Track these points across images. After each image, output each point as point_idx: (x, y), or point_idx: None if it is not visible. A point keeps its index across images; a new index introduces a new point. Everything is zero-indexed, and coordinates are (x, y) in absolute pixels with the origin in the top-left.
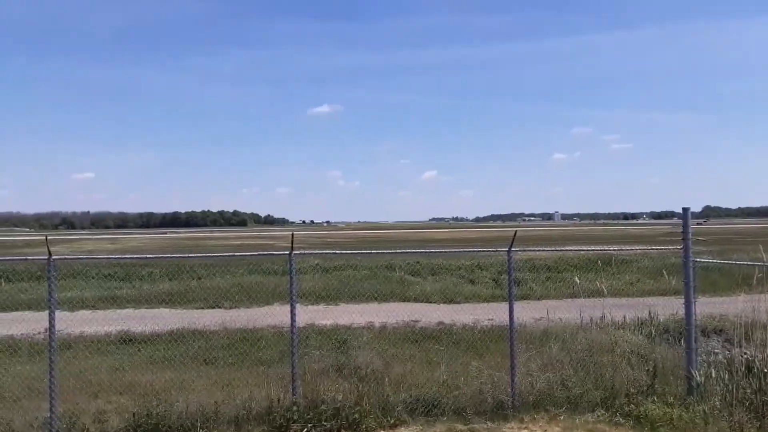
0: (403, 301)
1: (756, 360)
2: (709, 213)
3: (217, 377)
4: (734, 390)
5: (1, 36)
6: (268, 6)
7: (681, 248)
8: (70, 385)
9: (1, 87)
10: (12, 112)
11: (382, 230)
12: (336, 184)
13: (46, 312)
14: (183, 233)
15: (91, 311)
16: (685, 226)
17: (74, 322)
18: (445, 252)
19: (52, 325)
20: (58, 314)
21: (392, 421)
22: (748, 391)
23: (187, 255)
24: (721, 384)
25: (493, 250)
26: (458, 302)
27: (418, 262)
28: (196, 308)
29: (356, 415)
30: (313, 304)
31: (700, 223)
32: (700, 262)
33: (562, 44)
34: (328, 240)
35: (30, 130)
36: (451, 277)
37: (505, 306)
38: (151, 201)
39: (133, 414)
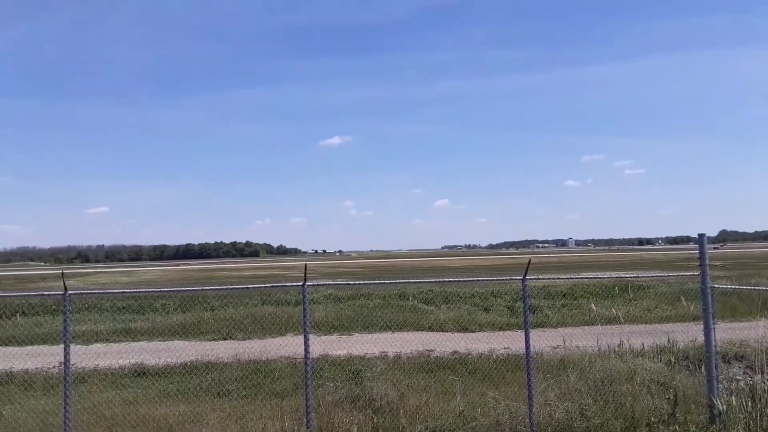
0: (417, 330)
1: None
2: (726, 237)
3: (230, 410)
4: (758, 418)
5: (19, 76)
6: (279, 46)
7: (698, 274)
8: (84, 420)
9: (19, 126)
10: (29, 150)
11: (395, 258)
12: (348, 214)
13: (61, 346)
14: (196, 265)
15: (105, 344)
16: (702, 251)
17: (88, 356)
18: (459, 281)
19: (67, 358)
20: (73, 348)
21: None
22: None
23: (200, 288)
24: (744, 412)
25: (507, 279)
26: (473, 331)
27: (431, 290)
28: (210, 340)
29: None
30: (326, 334)
31: (717, 248)
32: (719, 287)
33: (573, 75)
34: (341, 269)
35: (47, 169)
36: (465, 305)
37: (520, 334)
38: (165, 235)
39: None
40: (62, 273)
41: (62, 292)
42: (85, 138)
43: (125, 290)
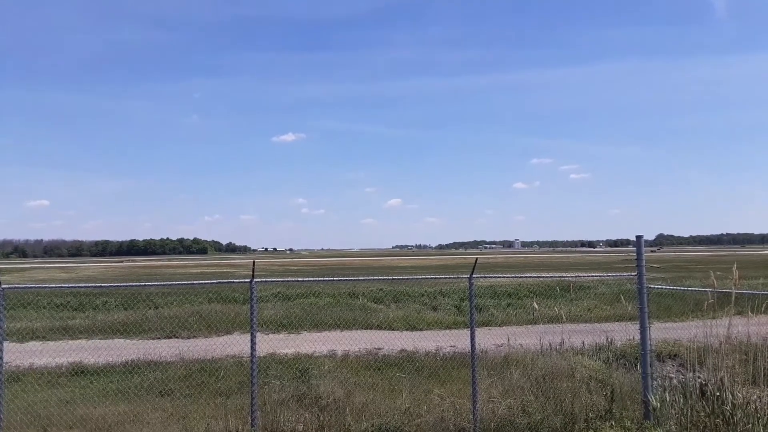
0: (366, 328)
1: (709, 384)
2: (663, 241)
3: (173, 409)
4: (689, 413)
5: None
6: (235, 36)
7: (635, 275)
8: (18, 420)
9: None
10: None
11: (346, 257)
12: (300, 212)
13: None
14: (140, 261)
15: (41, 342)
16: (639, 253)
17: (23, 354)
18: (408, 279)
19: None
20: (7, 345)
21: None
22: (702, 414)
23: (143, 284)
24: (676, 408)
25: (455, 277)
26: (421, 329)
27: (381, 289)
28: (153, 338)
29: None
30: (274, 332)
31: (654, 251)
32: (654, 288)
33: (524, 78)
34: (291, 267)
35: None
36: (414, 304)
37: (467, 333)
38: (110, 229)
39: None
40: None
41: None
42: (25, 125)
43: (63, 285)
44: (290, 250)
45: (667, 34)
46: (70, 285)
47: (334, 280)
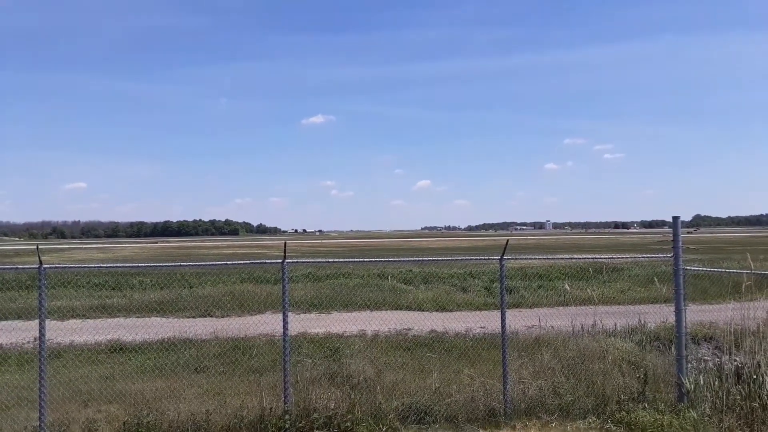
0: (396, 309)
1: (745, 367)
2: (699, 222)
3: (208, 386)
4: (724, 396)
5: None
6: (264, 19)
7: (671, 256)
8: (60, 395)
9: None
10: (2, 121)
11: (375, 239)
12: (329, 194)
13: (36, 321)
14: (174, 242)
15: (81, 320)
16: (675, 234)
17: (64, 331)
18: (438, 260)
19: (42, 333)
20: (48, 323)
21: (384, 429)
22: (738, 397)
23: (178, 264)
24: (711, 391)
25: (485, 259)
26: (450, 310)
27: (410, 271)
28: (188, 317)
29: (348, 423)
30: (305, 312)
31: (690, 232)
32: (690, 270)
33: (558, 57)
34: (321, 249)
35: (23, 141)
36: (444, 286)
37: (497, 314)
38: (144, 211)
39: (124, 423)
40: (37, 247)
41: (37, 266)
42: (63, 109)
43: (102, 265)
44: (320, 231)
45: (703, 9)
46: (108, 265)
47: (363, 261)
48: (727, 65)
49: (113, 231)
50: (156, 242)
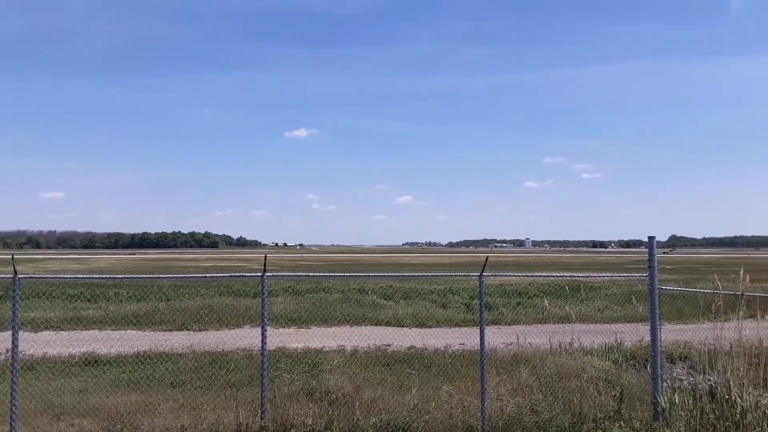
0: (376, 324)
1: (719, 386)
2: (675, 242)
3: (184, 400)
4: (698, 415)
5: None
6: (249, 31)
7: (647, 276)
8: (32, 408)
9: None
10: None
11: (356, 254)
12: (311, 207)
13: (9, 332)
14: (152, 254)
15: (55, 332)
16: (651, 254)
17: (37, 343)
18: (418, 276)
19: (15, 345)
20: (21, 335)
21: None
22: (711, 416)
23: (156, 276)
24: (686, 409)
25: (465, 275)
26: (430, 326)
27: (390, 286)
28: (164, 330)
29: None
30: (284, 326)
31: (667, 252)
32: (666, 289)
33: (540, 75)
34: (301, 263)
35: None
36: (424, 302)
37: (476, 331)
38: (122, 222)
39: None
40: (12, 256)
41: (11, 276)
42: (41, 117)
43: (78, 276)
44: (301, 245)
45: (681, 32)
46: (84, 276)
47: (344, 275)
48: (705, 87)
49: (90, 242)
50: (133, 253)
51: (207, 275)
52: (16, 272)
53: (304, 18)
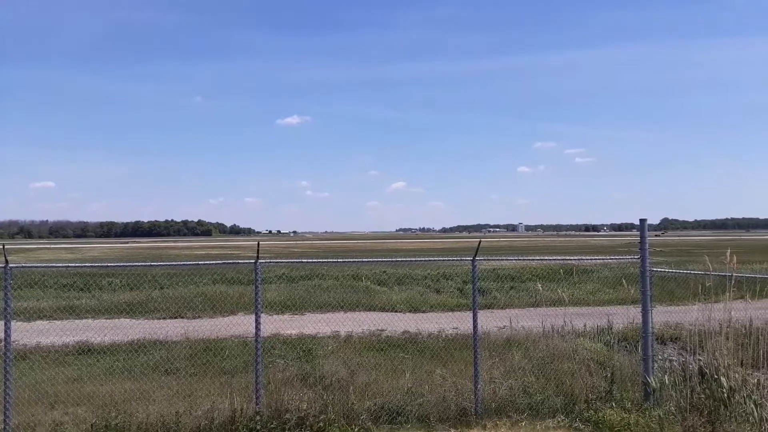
0: (370, 310)
1: (708, 366)
2: (667, 225)
3: (178, 388)
4: (688, 395)
5: None
6: (241, 17)
7: (639, 258)
8: (26, 397)
9: None
10: None
11: (349, 240)
12: (304, 195)
13: (1, 322)
14: (145, 243)
15: (48, 321)
16: (643, 237)
17: (30, 333)
18: (411, 261)
19: (7, 335)
20: (14, 324)
21: (357, 430)
22: (702, 396)
23: (149, 264)
24: (676, 390)
25: (458, 260)
26: (424, 311)
27: (384, 272)
28: (158, 318)
29: (321, 424)
30: (278, 313)
31: (658, 235)
32: (657, 271)
33: (531, 61)
34: (295, 250)
35: None
36: (417, 287)
37: (469, 315)
38: (114, 211)
39: (92, 425)
40: (3, 246)
41: (3, 266)
42: (32, 106)
43: (70, 265)
44: (294, 232)
45: (672, 16)
46: (76, 265)
47: (337, 261)
48: (696, 71)
49: (82, 231)
50: (126, 242)
51: (200, 263)
52: (7, 261)
53: (295, 5)
